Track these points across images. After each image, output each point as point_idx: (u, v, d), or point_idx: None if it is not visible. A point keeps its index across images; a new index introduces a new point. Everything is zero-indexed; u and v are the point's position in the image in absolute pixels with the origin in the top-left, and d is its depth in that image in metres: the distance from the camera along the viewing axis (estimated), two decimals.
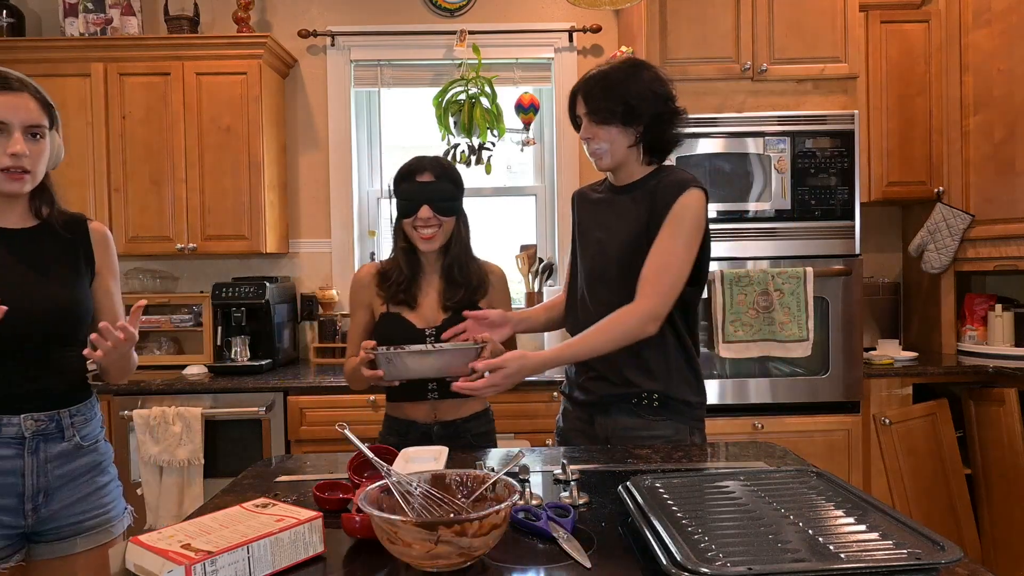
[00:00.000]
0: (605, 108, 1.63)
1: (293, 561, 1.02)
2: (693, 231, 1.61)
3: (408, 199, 1.75)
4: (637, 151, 1.68)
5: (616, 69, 1.66)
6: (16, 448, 1.35)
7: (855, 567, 0.88)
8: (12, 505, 1.36)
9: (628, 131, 1.65)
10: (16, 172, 1.34)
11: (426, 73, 3.39)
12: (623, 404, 1.71)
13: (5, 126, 1.35)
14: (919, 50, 3.04)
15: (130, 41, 2.98)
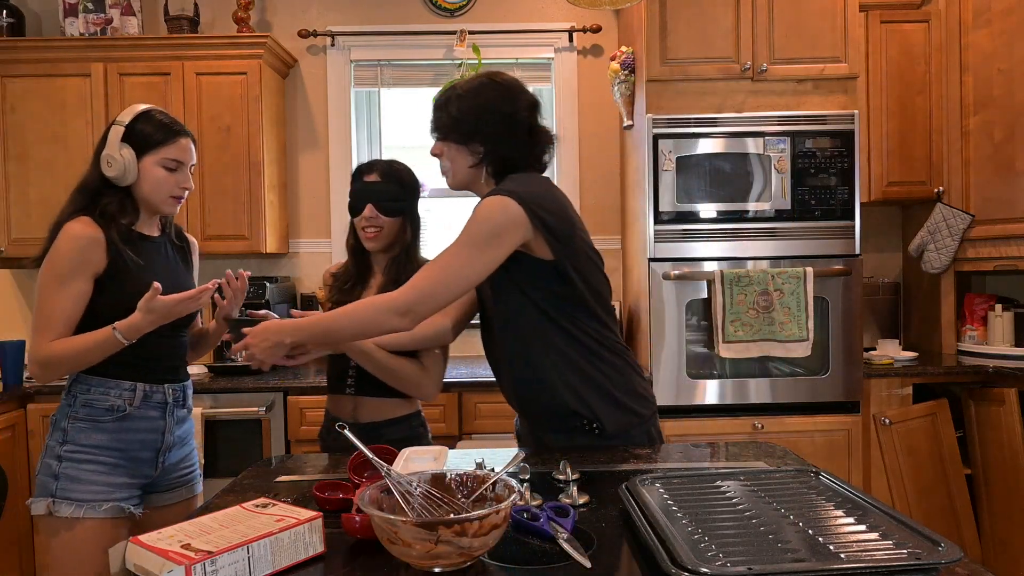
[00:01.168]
0: (441, 123, 1.58)
1: (293, 561, 1.02)
2: (482, 234, 1.45)
3: (354, 198, 1.79)
4: (481, 172, 1.59)
5: (466, 84, 1.59)
6: (160, 411, 1.69)
7: (855, 567, 0.88)
8: (150, 458, 1.69)
9: (465, 149, 1.57)
10: (180, 201, 1.73)
11: (426, 73, 3.39)
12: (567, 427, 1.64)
13: (181, 165, 1.70)
14: (919, 50, 3.04)
15: (130, 41, 2.98)
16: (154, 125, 1.67)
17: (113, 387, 1.63)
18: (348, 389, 1.81)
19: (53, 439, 1.62)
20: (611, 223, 3.39)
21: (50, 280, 1.57)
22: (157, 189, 1.67)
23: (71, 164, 2.97)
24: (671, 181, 2.66)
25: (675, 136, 2.65)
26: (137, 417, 1.66)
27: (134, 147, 1.63)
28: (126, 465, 1.64)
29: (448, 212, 3.53)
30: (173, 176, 1.68)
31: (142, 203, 1.69)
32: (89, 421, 1.62)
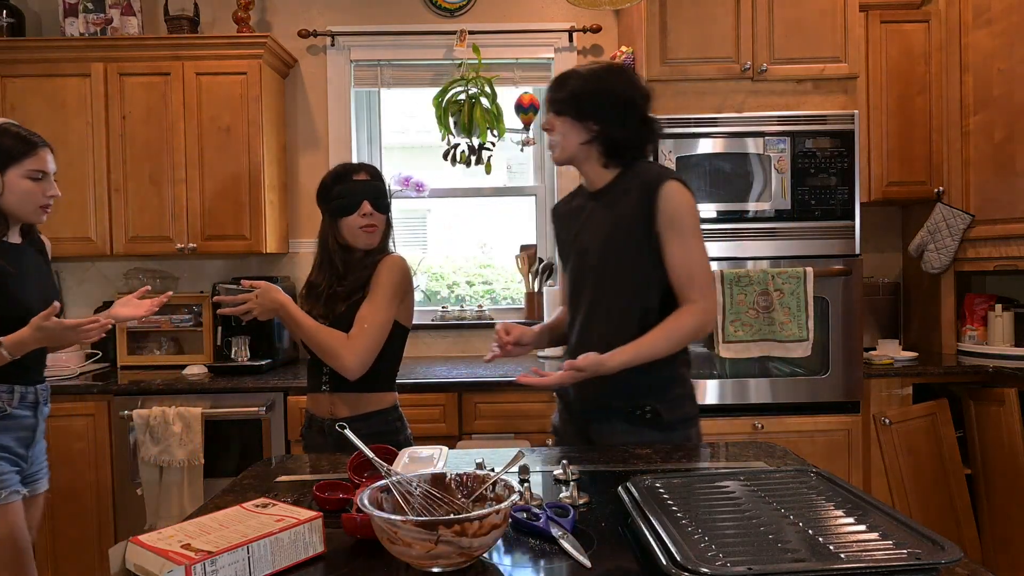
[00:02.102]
0: (559, 99, 1.68)
1: (293, 561, 1.02)
2: (695, 223, 1.65)
3: (349, 196, 1.82)
4: (592, 150, 1.68)
5: (587, 66, 1.70)
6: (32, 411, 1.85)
7: (855, 567, 0.88)
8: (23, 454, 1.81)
9: (580, 126, 1.66)
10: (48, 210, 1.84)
11: (426, 73, 3.39)
12: (619, 415, 1.70)
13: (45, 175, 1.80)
14: (919, 50, 3.04)
15: (130, 41, 2.98)
16: (13, 138, 1.74)
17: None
18: (324, 387, 1.83)
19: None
20: None
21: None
22: (26, 200, 1.76)
23: (71, 164, 2.97)
24: None
25: (675, 136, 2.65)
26: (15, 416, 1.79)
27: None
28: (9, 458, 1.78)
29: (448, 212, 3.53)
30: (39, 186, 1.77)
31: (10, 215, 1.77)
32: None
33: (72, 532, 2.71)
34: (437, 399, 2.67)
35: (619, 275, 1.67)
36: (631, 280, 1.67)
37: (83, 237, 2.98)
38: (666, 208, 1.61)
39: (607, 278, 1.68)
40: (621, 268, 1.67)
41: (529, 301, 3.35)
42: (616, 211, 1.66)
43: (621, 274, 1.67)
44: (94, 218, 2.98)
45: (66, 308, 3.34)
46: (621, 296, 1.68)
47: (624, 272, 1.67)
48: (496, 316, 3.43)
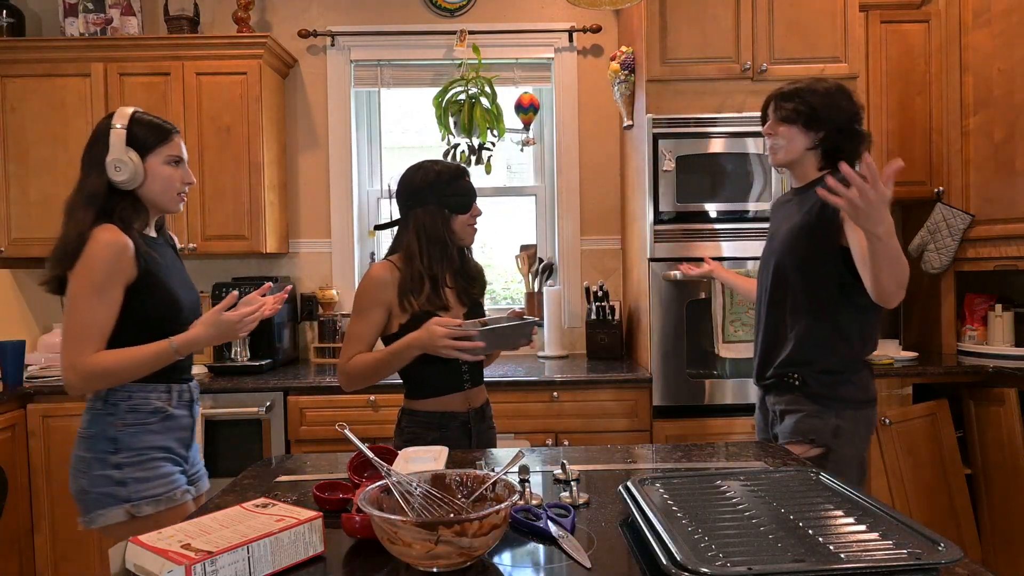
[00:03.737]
0: (790, 108, 1.84)
1: (293, 561, 1.02)
2: None
3: (465, 195, 1.82)
4: (815, 155, 1.86)
5: (816, 82, 1.87)
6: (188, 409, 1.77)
7: (855, 567, 0.88)
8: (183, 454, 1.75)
9: (807, 134, 1.84)
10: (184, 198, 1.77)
11: (426, 73, 3.39)
12: (778, 379, 1.88)
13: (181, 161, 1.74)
14: (919, 50, 3.04)
15: (130, 41, 2.98)
16: (149, 126, 1.68)
17: (151, 390, 1.66)
18: (466, 384, 1.87)
19: (98, 450, 1.62)
20: (611, 223, 3.39)
21: (87, 291, 1.54)
22: (167, 188, 1.68)
23: (71, 164, 2.97)
24: (671, 181, 2.66)
25: (675, 136, 2.65)
26: (175, 416, 1.71)
27: (136, 149, 1.63)
28: (175, 459, 1.70)
29: None
30: (178, 171, 1.71)
31: (150, 205, 1.69)
32: (139, 425, 1.64)
33: (72, 532, 2.70)
34: None
35: (799, 260, 1.81)
36: (808, 267, 1.80)
37: None
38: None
39: (787, 262, 1.84)
40: (800, 254, 1.81)
41: (529, 301, 3.35)
42: (810, 202, 1.80)
43: (800, 259, 1.81)
44: None
45: None
46: (799, 280, 1.82)
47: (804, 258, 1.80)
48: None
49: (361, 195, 3.45)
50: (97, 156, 1.64)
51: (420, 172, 1.81)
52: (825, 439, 1.78)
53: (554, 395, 2.67)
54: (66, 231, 1.59)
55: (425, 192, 1.79)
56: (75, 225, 1.58)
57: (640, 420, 2.69)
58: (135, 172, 1.62)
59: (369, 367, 1.74)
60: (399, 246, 1.83)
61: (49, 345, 3.03)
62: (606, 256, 3.40)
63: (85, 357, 1.55)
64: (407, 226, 1.82)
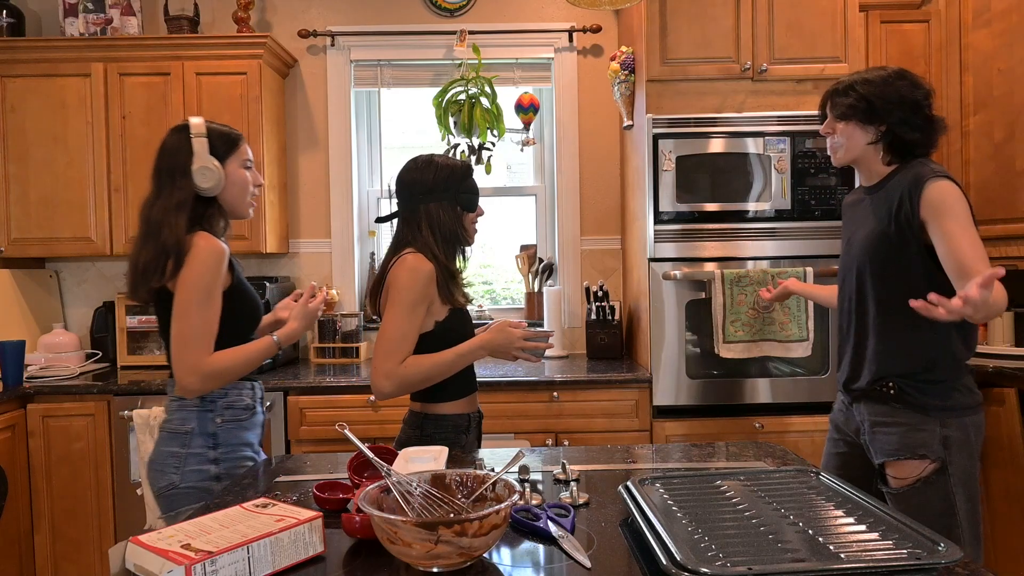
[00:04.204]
0: (846, 105, 1.77)
1: (293, 561, 1.02)
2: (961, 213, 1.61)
3: (476, 193, 1.80)
4: (877, 150, 1.78)
5: (871, 71, 1.79)
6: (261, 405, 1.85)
7: (855, 567, 0.88)
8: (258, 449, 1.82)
9: (867, 129, 1.77)
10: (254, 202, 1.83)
11: (426, 73, 3.39)
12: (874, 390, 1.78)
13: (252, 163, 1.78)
14: (919, 50, 3.04)
15: (130, 41, 2.98)
16: (221, 133, 1.72)
17: (242, 388, 1.75)
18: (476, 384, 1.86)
19: (197, 446, 1.66)
20: (611, 223, 3.39)
21: (199, 295, 1.59)
22: (243, 191, 1.74)
23: (71, 164, 2.97)
24: (671, 181, 2.66)
25: (675, 136, 2.65)
26: (257, 412, 1.80)
27: (216, 155, 1.68)
28: (254, 455, 1.77)
29: None
30: (251, 174, 1.77)
31: (228, 210, 1.74)
32: (235, 422, 1.71)
33: (72, 532, 2.71)
34: None
35: (880, 267, 1.74)
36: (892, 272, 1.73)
37: (83, 237, 2.98)
38: (931, 199, 1.64)
39: (868, 269, 1.77)
40: (881, 260, 1.74)
41: (529, 301, 3.35)
42: (885, 206, 1.74)
43: (882, 265, 1.74)
44: (94, 218, 2.98)
45: (66, 308, 3.34)
46: (884, 287, 1.75)
47: (885, 263, 1.74)
48: (496, 316, 3.43)
49: (361, 195, 3.45)
50: (181, 165, 1.65)
51: (433, 167, 1.75)
52: (937, 451, 1.67)
53: (554, 395, 2.67)
54: (162, 240, 1.60)
55: (439, 187, 1.73)
56: (171, 233, 1.60)
57: (640, 420, 2.69)
58: (219, 178, 1.67)
59: (432, 371, 1.65)
60: (412, 240, 1.73)
61: (49, 345, 3.03)
62: (606, 256, 3.40)
63: (202, 359, 1.60)
64: (416, 221, 1.74)
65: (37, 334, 3.16)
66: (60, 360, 3.00)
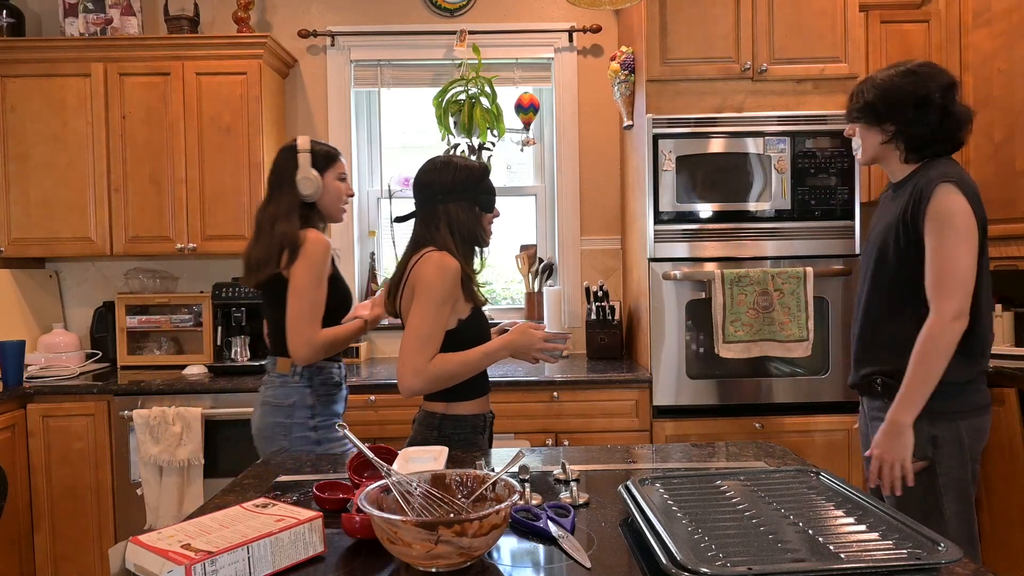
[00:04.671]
0: (853, 107, 1.82)
1: (293, 561, 1.02)
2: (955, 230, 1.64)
3: (493, 193, 1.83)
4: (894, 148, 1.79)
5: (882, 71, 1.80)
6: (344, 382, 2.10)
7: (855, 567, 0.88)
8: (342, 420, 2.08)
9: (875, 129, 1.79)
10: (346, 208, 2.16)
11: (426, 73, 3.39)
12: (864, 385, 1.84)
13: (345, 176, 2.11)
14: (919, 50, 3.03)
15: (130, 41, 2.98)
16: (321, 150, 2.04)
17: (332, 367, 2.03)
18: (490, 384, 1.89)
19: (299, 416, 1.94)
20: (611, 223, 3.39)
21: (314, 281, 1.90)
22: (337, 199, 2.07)
23: (71, 164, 2.97)
24: (671, 181, 2.66)
25: (675, 136, 2.65)
26: (343, 387, 2.08)
27: (316, 169, 2.00)
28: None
29: None
30: (344, 186, 2.09)
31: (325, 214, 2.07)
32: (327, 396, 2.00)
33: (72, 532, 2.71)
34: None
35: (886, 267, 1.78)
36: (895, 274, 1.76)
37: (83, 237, 2.98)
38: (934, 209, 1.67)
39: (878, 267, 1.80)
40: (888, 261, 1.77)
41: (529, 301, 3.35)
42: (899, 206, 1.76)
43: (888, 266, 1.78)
44: (94, 218, 2.98)
45: (66, 308, 3.34)
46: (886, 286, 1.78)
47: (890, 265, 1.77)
48: (496, 316, 3.43)
49: (361, 195, 3.45)
50: (288, 175, 1.99)
51: (451, 168, 1.76)
52: (924, 450, 1.69)
53: (554, 395, 2.67)
54: (275, 237, 1.92)
55: (458, 188, 1.75)
56: (287, 229, 1.93)
57: (640, 420, 2.69)
58: (318, 186, 1.99)
59: (460, 369, 1.67)
60: (432, 240, 1.74)
61: (49, 345, 3.03)
62: (606, 256, 3.40)
63: (314, 333, 1.90)
64: (435, 221, 1.75)
65: (37, 334, 3.16)
66: (60, 360, 3.00)
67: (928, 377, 1.65)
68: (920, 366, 1.65)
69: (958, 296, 1.63)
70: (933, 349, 1.64)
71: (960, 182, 1.66)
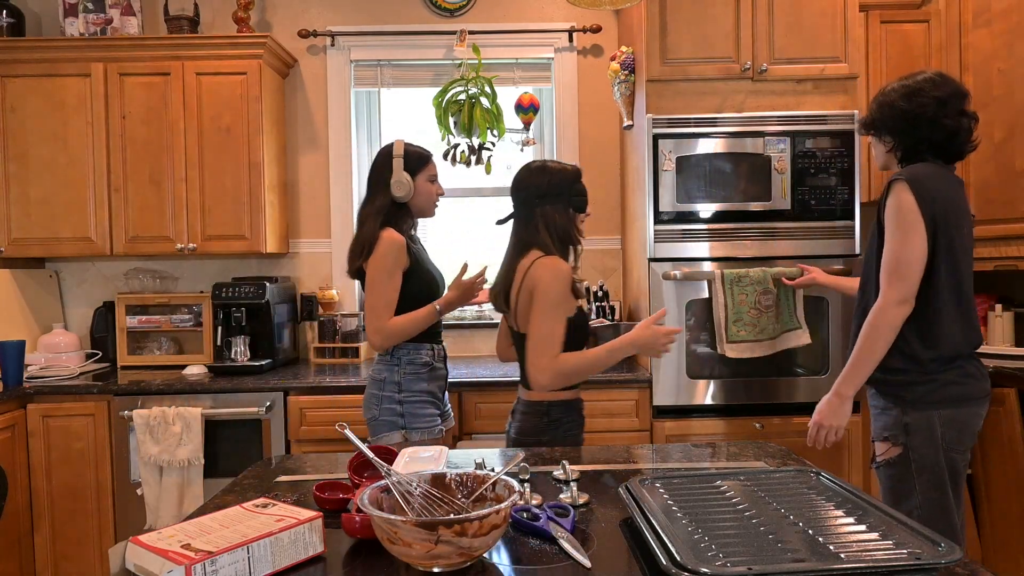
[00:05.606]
0: (862, 121, 2.01)
1: (293, 561, 1.02)
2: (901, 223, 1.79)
3: (585, 195, 1.96)
4: (895, 157, 1.94)
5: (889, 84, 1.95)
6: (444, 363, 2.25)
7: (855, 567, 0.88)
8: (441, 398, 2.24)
9: (880, 141, 1.96)
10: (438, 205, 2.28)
11: (426, 73, 3.39)
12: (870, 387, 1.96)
13: (436, 177, 2.23)
14: (919, 50, 3.04)
15: (130, 41, 2.98)
16: (415, 153, 2.16)
17: (423, 349, 2.16)
18: None
19: (388, 390, 2.13)
20: (611, 223, 3.39)
21: (382, 275, 2.06)
22: (428, 199, 2.20)
23: (71, 164, 2.97)
24: (671, 181, 2.66)
25: (675, 136, 2.65)
26: (438, 368, 2.20)
27: (408, 171, 2.13)
28: (436, 403, 2.18)
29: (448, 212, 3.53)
30: (435, 187, 2.21)
31: (416, 212, 2.20)
32: (414, 375, 2.14)
33: (72, 532, 2.71)
34: None
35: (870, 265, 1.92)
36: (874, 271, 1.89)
37: (83, 237, 2.98)
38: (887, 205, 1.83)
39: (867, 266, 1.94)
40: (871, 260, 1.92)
41: None
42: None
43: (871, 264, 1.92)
44: (94, 218, 2.98)
45: (66, 308, 3.34)
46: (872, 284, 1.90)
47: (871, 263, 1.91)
48: (496, 316, 3.43)
49: (361, 195, 3.45)
50: (384, 177, 2.13)
51: (547, 171, 1.91)
52: (899, 437, 1.84)
53: None
54: (362, 233, 2.11)
55: (554, 191, 1.90)
56: (368, 229, 2.10)
57: (640, 420, 2.69)
58: (409, 189, 2.13)
59: (585, 366, 1.81)
60: (534, 242, 1.89)
61: (49, 345, 3.03)
62: (606, 256, 3.40)
63: (385, 322, 2.06)
64: (534, 223, 1.90)
65: (37, 334, 3.16)
66: (60, 360, 3.00)
67: (870, 355, 1.83)
68: (863, 344, 1.83)
69: (902, 284, 1.78)
70: (874, 330, 1.81)
71: (911, 180, 1.79)
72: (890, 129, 1.92)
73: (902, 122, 1.88)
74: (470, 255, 3.57)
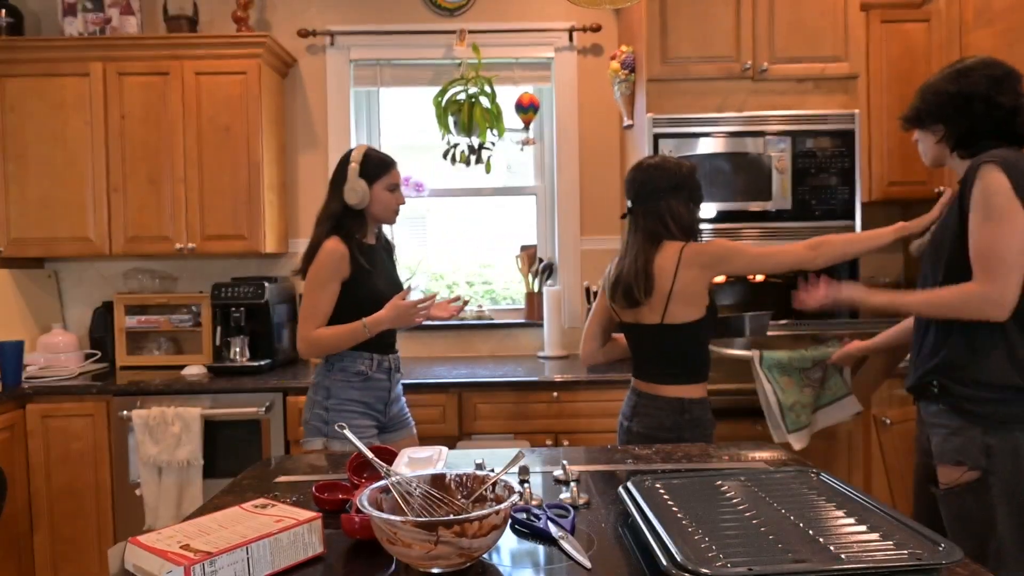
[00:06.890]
0: (906, 116, 1.85)
1: (293, 562, 1.02)
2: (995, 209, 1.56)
3: (701, 189, 2.00)
4: (945, 147, 1.78)
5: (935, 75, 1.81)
6: (387, 375, 2.16)
7: (855, 567, 0.88)
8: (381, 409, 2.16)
9: (928, 132, 1.81)
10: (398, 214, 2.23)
11: (426, 73, 3.39)
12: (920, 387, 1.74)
13: (397, 187, 2.17)
14: (920, 50, 3.03)
15: (129, 41, 2.97)
16: (376, 160, 2.12)
17: (358, 357, 2.11)
18: None
19: (319, 395, 2.10)
20: (611, 223, 3.38)
21: (315, 284, 2.05)
22: (386, 207, 2.15)
23: (70, 164, 2.96)
24: None
25: (675, 136, 2.64)
26: (376, 379, 2.13)
27: (365, 179, 2.08)
28: (369, 413, 2.12)
29: (448, 212, 3.52)
30: (394, 196, 2.16)
31: (372, 220, 2.16)
32: (344, 383, 2.10)
33: (72, 532, 2.70)
34: (437, 399, 2.67)
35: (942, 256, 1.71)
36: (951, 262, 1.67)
37: (82, 237, 2.98)
38: (975, 190, 1.61)
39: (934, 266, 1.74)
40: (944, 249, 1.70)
41: (529, 301, 3.35)
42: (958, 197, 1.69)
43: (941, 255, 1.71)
44: (93, 218, 2.97)
45: (65, 308, 3.34)
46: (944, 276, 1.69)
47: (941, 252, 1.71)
48: (496, 316, 3.42)
49: None
50: (338, 183, 2.10)
51: (667, 165, 1.94)
52: (977, 460, 1.58)
53: (554, 395, 2.67)
54: (312, 239, 2.10)
55: (677, 184, 1.93)
56: (316, 235, 2.10)
57: None
58: (363, 196, 2.09)
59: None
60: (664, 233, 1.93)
61: (48, 345, 3.03)
62: (606, 256, 3.39)
63: (310, 331, 2.04)
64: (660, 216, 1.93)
65: (36, 334, 3.15)
66: (59, 360, 3.00)
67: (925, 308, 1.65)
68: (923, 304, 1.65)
69: (995, 285, 1.54)
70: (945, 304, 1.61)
71: (1004, 162, 1.58)
72: (939, 116, 1.75)
73: (951, 107, 1.72)
74: (470, 255, 3.56)
